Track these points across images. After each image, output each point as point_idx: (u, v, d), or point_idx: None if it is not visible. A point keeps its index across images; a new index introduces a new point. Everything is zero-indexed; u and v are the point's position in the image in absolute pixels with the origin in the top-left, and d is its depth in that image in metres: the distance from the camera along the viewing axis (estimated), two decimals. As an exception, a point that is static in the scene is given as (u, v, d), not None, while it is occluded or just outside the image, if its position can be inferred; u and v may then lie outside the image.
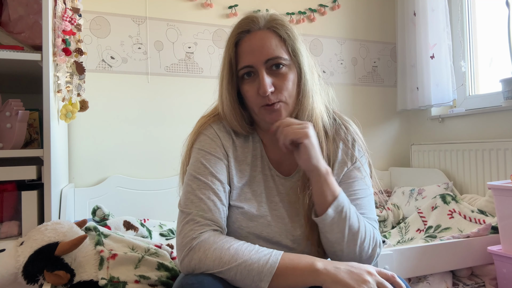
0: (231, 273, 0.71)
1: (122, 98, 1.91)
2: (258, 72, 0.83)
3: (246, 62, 0.84)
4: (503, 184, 1.32)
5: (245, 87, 0.86)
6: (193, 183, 0.83)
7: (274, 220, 0.87)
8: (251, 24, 0.86)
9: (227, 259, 0.72)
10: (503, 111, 1.87)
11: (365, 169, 0.92)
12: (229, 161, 0.88)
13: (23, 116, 1.16)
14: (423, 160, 2.30)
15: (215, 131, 0.90)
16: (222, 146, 0.88)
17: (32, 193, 1.13)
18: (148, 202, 1.88)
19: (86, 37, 1.86)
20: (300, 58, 0.87)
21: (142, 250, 1.06)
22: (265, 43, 0.84)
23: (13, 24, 1.20)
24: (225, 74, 0.87)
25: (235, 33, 0.86)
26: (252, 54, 0.84)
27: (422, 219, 1.78)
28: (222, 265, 0.71)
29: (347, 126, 0.94)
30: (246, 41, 0.85)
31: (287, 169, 0.93)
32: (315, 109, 0.89)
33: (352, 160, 0.91)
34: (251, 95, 0.85)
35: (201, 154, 0.86)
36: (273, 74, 0.84)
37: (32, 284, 0.94)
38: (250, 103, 0.87)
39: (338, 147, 0.91)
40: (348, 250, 0.81)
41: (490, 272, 1.39)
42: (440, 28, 2.10)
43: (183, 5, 2.05)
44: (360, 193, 0.89)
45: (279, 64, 0.84)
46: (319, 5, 2.32)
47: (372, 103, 2.45)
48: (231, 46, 0.86)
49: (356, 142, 0.92)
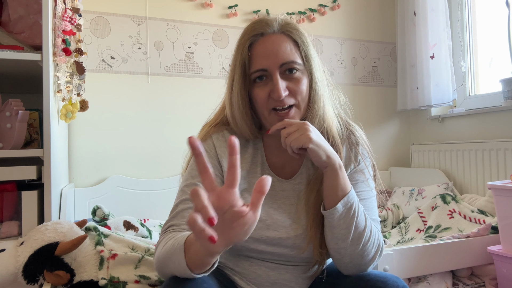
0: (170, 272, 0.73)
1: (122, 98, 1.91)
2: (272, 75, 0.82)
3: (260, 66, 0.83)
4: (503, 184, 1.32)
5: (256, 91, 0.85)
6: (178, 195, 0.86)
7: (274, 223, 0.86)
8: (266, 27, 0.85)
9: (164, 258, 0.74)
10: (503, 111, 1.87)
11: (369, 171, 0.92)
12: (223, 171, 0.88)
13: (23, 116, 1.16)
14: (423, 160, 2.30)
15: (213, 141, 0.91)
16: (215, 157, 0.89)
17: (32, 193, 1.13)
18: (148, 202, 1.88)
19: (86, 37, 1.86)
20: (312, 64, 0.86)
21: (142, 250, 1.06)
22: (280, 47, 0.83)
23: (13, 24, 1.20)
24: (237, 77, 0.85)
25: (249, 36, 0.85)
26: (267, 57, 0.82)
27: (422, 219, 1.78)
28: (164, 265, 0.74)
29: (352, 131, 0.94)
30: (260, 44, 0.84)
31: (291, 171, 0.93)
32: (326, 115, 0.89)
33: (356, 161, 0.91)
34: (262, 98, 0.84)
35: (192, 167, 0.89)
36: (287, 79, 0.83)
37: (32, 284, 0.94)
38: (260, 107, 0.86)
39: (347, 151, 0.92)
40: (351, 248, 0.81)
41: (490, 272, 1.39)
42: (440, 28, 2.10)
43: (183, 5, 2.05)
44: (362, 194, 0.89)
45: (293, 68, 0.83)
46: (319, 5, 2.32)
47: (372, 103, 2.45)
48: (245, 48, 0.84)
49: (360, 144, 0.93)
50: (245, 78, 0.85)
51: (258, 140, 0.94)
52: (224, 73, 2.08)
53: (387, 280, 0.76)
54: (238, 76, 0.85)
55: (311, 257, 0.86)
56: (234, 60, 0.87)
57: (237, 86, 0.85)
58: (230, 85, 0.88)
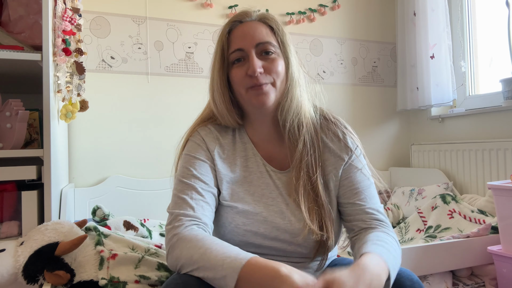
0: (200, 274, 0.70)
1: (122, 98, 1.91)
2: (248, 54, 0.87)
3: (237, 46, 0.88)
4: (503, 184, 1.32)
5: (234, 71, 0.89)
6: (177, 186, 0.86)
7: (271, 215, 0.87)
8: (245, 16, 0.91)
9: (196, 258, 0.71)
10: (503, 111, 1.87)
11: (361, 160, 0.93)
12: (216, 163, 0.90)
13: (23, 116, 1.16)
14: (423, 160, 2.30)
15: (202, 136, 0.93)
16: (207, 150, 0.91)
17: (32, 193, 1.13)
18: (148, 202, 1.88)
19: (86, 37, 1.86)
20: (288, 49, 0.91)
21: (142, 250, 1.06)
22: (256, 30, 0.89)
23: (13, 24, 1.20)
24: (217, 60, 0.91)
25: (229, 23, 0.92)
26: (244, 38, 0.88)
27: (422, 219, 1.78)
28: (193, 264, 0.71)
29: (335, 122, 0.95)
30: (239, 28, 0.90)
31: (280, 163, 0.94)
32: (303, 101, 0.91)
33: (347, 152, 0.92)
34: (239, 77, 0.88)
35: (186, 159, 0.90)
36: (263, 59, 0.88)
37: (32, 284, 0.94)
38: (237, 86, 0.89)
39: (329, 139, 0.93)
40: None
41: (490, 272, 1.39)
42: (440, 28, 2.10)
43: (183, 5, 2.05)
44: (362, 185, 0.90)
45: (269, 51, 0.88)
46: (319, 5, 2.32)
47: (372, 103, 2.45)
48: (224, 33, 0.90)
49: (346, 134, 0.94)
50: (223, 61, 0.90)
51: (244, 134, 0.96)
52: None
53: (401, 273, 0.78)
54: (217, 60, 0.91)
55: (311, 252, 0.86)
56: (215, 49, 0.93)
57: (216, 68, 0.91)
58: (212, 72, 0.93)
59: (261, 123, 0.95)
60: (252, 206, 0.88)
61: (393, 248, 0.80)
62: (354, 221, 0.89)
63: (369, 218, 0.87)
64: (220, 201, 0.90)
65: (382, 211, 0.90)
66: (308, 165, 0.89)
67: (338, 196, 0.92)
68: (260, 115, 0.93)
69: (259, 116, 0.93)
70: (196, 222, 0.79)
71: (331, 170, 0.91)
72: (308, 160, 0.89)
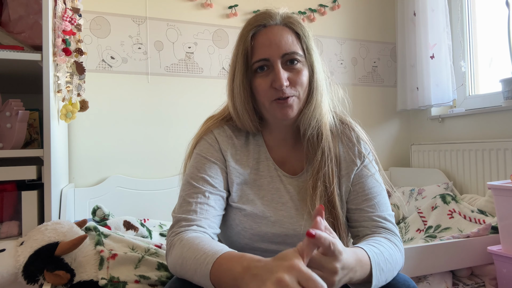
0: (189, 279, 0.70)
1: (122, 98, 1.91)
2: (274, 65, 0.83)
3: (262, 55, 0.83)
4: (503, 184, 1.32)
5: (258, 81, 0.85)
6: (185, 187, 0.85)
7: (279, 220, 0.86)
8: (268, 19, 0.86)
9: (186, 264, 0.70)
10: (503, 111, 1.87)
11: (374, 166, 0.92)
12: (228, 165, 0.88)
13: (23, 116, 1.16)
14: (423, 160, 2.30)
15: (215, 136, 0.90)
16: (219, 151, 0.89)
17: (32, 193, 1.13)
18: (148, 202, 1.88)
19: (86, 37, 1.86)
20: (313, 56, 0.87)
21: (142, 250, 1.06)
22: (282, 38, 0.84)
23: (13, 24, 1.20)
24: (239, 67, 0.85)
25: (252, 26, 0.85)
26: (269, 47, 0.83)
27: (422, 219, 1.78)
28: (181, 270, 0.71)
29: (352, 127, 0.94)
30: (263, 34, 0.85)
31: (292, 168, 0.93)
32: (325, 109, 0.89)
33: (360, 158, 0.91)
34: (264, 88, 0.84)
35: (197, 159, 0.88)
36: (288, 69, 0.84)
37: (32, 284, 0.94)
38: (261, 97, 0.86)
39: (344, 146, 0.92)
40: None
41: (490, 272, 1.39)
42: (440, 28, 2.10)
43: (183, 5, 2.05)
44: (374, 191, 0.88)
45: (294, 60, 0.84)
46: (319, 5, 2.32)
47: (372, 103, 2.45)
48: (247, 38, 0.84)
49: (361, 140, 0.93)
50: (247, 68, 0.85)
51: (259, 137, 0.94)
52: (224, 73, 2.08)
53: (397, 278, 0.77)
54: (240, 66, 0.85)
55: None
56: (236, 51, 0.88)
57: (239, 76, 0.86)
58: (232, 76, 0.88)
59: (280, 130, 0.93)
60: (261, 210, 0.87)
61: (388, 252, 0.76)
62: (360, 227, 0.87)
63: (375, 226, 0.85)
64: (229, 202, 0.89)
65: (391, 219, 0.87)
66: (325, 176, 0.87)
67: (347, 202, 0.90)
68: (280, 123, 0.91)
69: (279, 124, 0.91)
70: (196, 228, 0.78)
71: (344, 175, 0.90)
72: (326, 171, 0.87)
